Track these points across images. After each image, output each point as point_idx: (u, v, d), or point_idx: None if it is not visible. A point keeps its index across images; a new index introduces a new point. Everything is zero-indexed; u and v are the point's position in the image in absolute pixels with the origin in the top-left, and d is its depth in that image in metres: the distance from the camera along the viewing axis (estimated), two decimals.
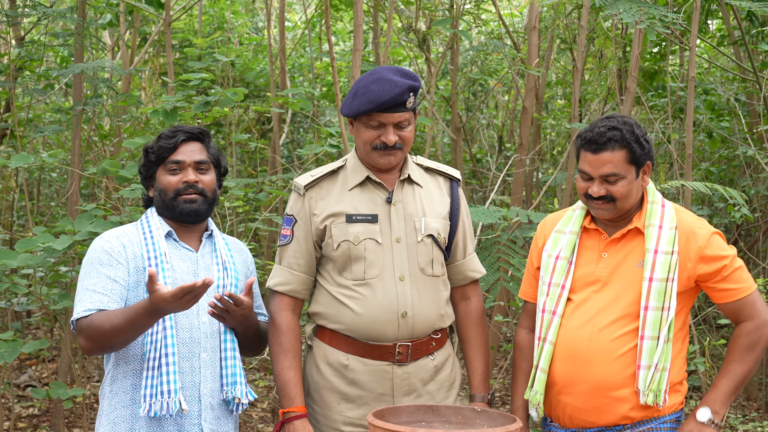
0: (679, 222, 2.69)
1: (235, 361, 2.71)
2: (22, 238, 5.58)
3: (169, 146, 2.72)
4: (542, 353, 2.70)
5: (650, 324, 2.60)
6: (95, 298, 2.59)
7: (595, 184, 2.63)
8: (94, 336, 2.54)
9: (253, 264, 2.94)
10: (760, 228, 6.33)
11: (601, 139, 2.60)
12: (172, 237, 2.74)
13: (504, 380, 6.65)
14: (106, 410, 2.66)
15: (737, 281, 2.68)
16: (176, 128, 2.77)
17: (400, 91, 2.68)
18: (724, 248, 2.69)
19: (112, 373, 2.68)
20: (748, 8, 4.68)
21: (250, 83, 7.90)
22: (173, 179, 2.72)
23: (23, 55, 5.72)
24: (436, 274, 2.84)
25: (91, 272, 2.64)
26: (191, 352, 2.65)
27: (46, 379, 6.24)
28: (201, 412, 2.65)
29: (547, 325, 2.71)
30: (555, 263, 2.75)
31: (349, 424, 2.80)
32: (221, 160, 2.83)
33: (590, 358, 2.63)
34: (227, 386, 2.68)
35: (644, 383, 2.60)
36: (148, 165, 2.77)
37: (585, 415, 2.66)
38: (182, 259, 2.71)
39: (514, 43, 6.93)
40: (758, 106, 6.07)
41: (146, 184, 2.81)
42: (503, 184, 6.96)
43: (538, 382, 2.71)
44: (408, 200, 2.84)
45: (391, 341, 2.77)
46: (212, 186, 2.77)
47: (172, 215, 2.73)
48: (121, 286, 2.62)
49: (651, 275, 2.62)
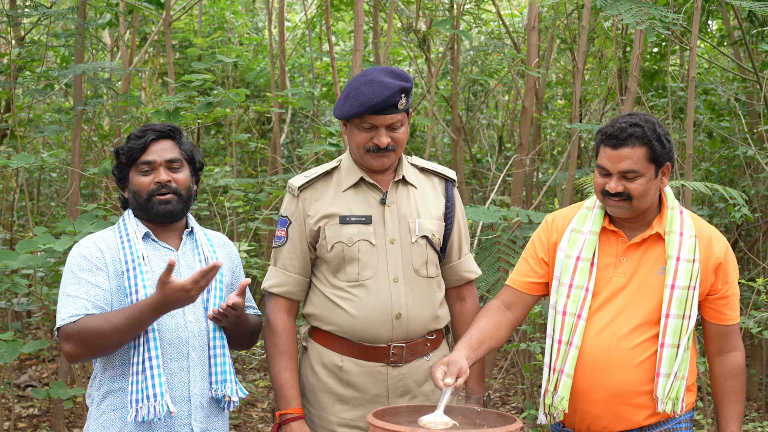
0: (698, 230, 2.67)
1: (225, 358, 2.68)
2: (23, 238, 5.58)
3: (138, 146, 2.66)
4: (567, 357, 2.63)
5: (671, 332, 2.58)
6: (79, 303, 2.55)
7: (613, 180, 2.58)
8: (88, 340, 2.50)
9: (239, 257, 2.90)
10: (760, 228, 6.33)
11: (622, 135, 2.56)
12: (151, 237, 2.69)
13: (504, 380, 6.65)
14: (94, 414, 2.64)
15: (735, 306, 2.70)
16: (146, 127, 2.70)
17: (390, 93, 2.66)
18: (735, 266, 2.70)
19: (99, 377, 2.66)
20: (749, 8, 4.68)
21: (250, 83, 7.90)
22: (145, 180, 2.66)
23: (24, 55, 5.72)
24: (430, 275, 2.83)
25: (71, 279, 2.60)
26: (179, 352, 2.62)
27: (46, 379, 6.24)
28: (191, 411, 2.63)
29: (571, 329, 2.64)
30: (576, 264, 2.68)
31: (344, 425, 2.80)
32: (195, 155, 2.77)
33: (609, 366, 2.60)
34: (217, 384, 2.66)
35: (663, 391, 2.58)
36: (120, 167, 2.71)
37: (602, 422, 2.64)
38: (162, 260, 2.67)
39: (514, 43, 6.93)
40: (758, 106, 6.07)
41: (121, 186, 2.75)
42: (503, 184, 6.96)
43: (564, 387, 2.63)
44: (402, 201, 2.83)
45: (385, 342, 2.77)
46: (186, 183, 2.71)
47: (148, 216, 2.69)
48: (104, 291, 2.59)
49: (673, 282, 2.60)
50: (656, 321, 2.61)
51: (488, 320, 2.75)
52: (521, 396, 5.96)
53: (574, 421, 2.70)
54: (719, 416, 2.75)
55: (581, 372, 2.62)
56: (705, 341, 2.77)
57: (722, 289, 2.67)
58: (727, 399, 2.73)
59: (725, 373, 2.73)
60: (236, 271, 2.85)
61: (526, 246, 2.88)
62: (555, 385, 2.66)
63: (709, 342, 2.75)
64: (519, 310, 2.82)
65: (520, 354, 6.06)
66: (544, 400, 2.71)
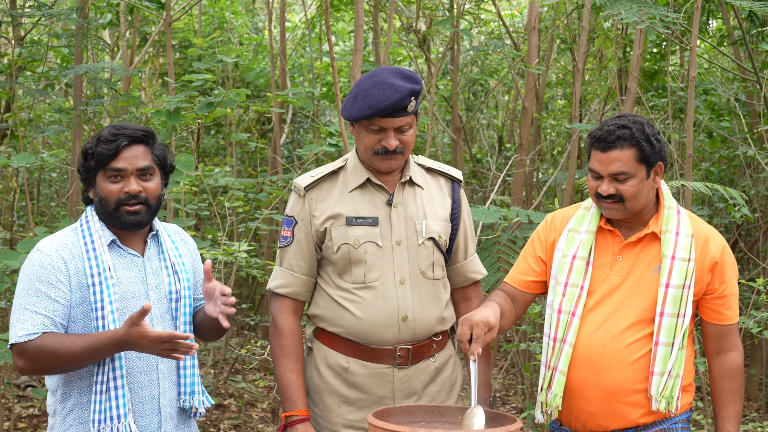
0: (695, 230, 2.68)
1: (194, 369, 2.61)
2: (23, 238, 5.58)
3: (109, 152, 2.50)
4: (561, 355, 2.64)
5: (665, 330, 2.59)
6: (37, 320, 2.43)
7: (605, 183, 2.60)
8: (43, 360, 2.40)
9: (196, 248, 2.79)
10: (760, 228, 6.33)
11: (610, 137, 2.58)
12: (116, 244, 2.57)
13: (504, 380, 6.65)
14: (58, 427, 2.54)
15: (733, 306, 2.71)
16: (118, 131, 2.54)
17: (401, 96, 2.63)
18: (733, 266, 2.70)
19: (62, 390, 2.54)
20: (749, 8, 4.68)
21: (250, 83, 7.91)
22: (114, 188, 2.52)
23: (24, 55, 5.73)
24: (436, 277, 2.82)
25: (29, 290, 2.46)
26: (149, 365, 2.54)
27: None
28: (161, 423, 2.57)
29: (565, 327, 2.66)
30: (572, 263, 2.70)
31: (350, 426, 2.79)
32: (167, 158, 2.63)
33: (604, 364, 2.61)
34: (185, 396, 2.60)
35: (657, 390, 2.59)
36: (87, 168, 2.56)
37: (598, 420, 2.64)
38: (128, 268, 2.56)
39: (514, 43, 6.93)
40: (758, 106, 6.07)
41: (86, 185, 2.60)
42: (503, 184, 6.96)
43: (557, 384, 2.65)
44: (409, 202, 2.81)
45: (391, 344, 2.76)
46: (156, 192, 2.57)
47: (114, 224, 2.56)
48: (64, 306, 2.47)
49: (668, 281, 2.61)
50: (651, 319, 2.62)
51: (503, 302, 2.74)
52: (521, 396, 5.97)
53: (570, 419, 2.71)
54: (717, 416, 2.76)
55: (576, 370, 2.64)
56: (703, 341, 2.78)
57: (719, 289, 2.68)
58: (724, 399, 2.73)
59: (723, 373, 2.74)
60: (196, 266, 2.75)
61: (526, 244, 2.90)
62: (549, 382, 2.68)
63: (708, 342, 2.76)
64: (518, 307, 2.84)
65: (520, 354, 6.06)
66: (540, 397, 2.73)
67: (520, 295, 2.83)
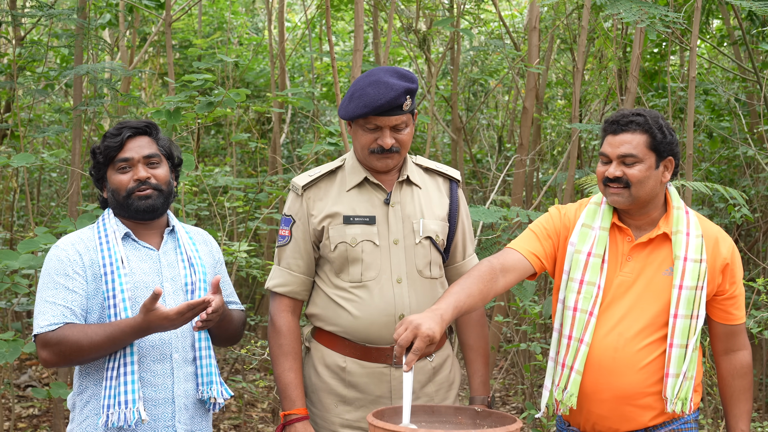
0: (704, 230, 2.67)
1: (210, 359, 2.65)
2: (23, 238, 5.58)
3: (115, 144, 2.61)
4: (578, 354, 2.62)
5: (679, 332, 2.58)
6: (57, 311, 2.52)
7: (612, 166, 2.61)
8: (66, 351, 2.48)
9: (220, 252, 2.84)
10: (760, 228, 6.33)
11: (623, 120, 2.61)
12: (131, 237, 2.64)
13: (504, 380, 6.65)
14: (77, 419, 2.60)
15: (741, 305, 2.71)
16: (121, 125, 2.66)
17: (396, 95, 2.64)
18: (741, 267, 2.71)
19: (79, 383, 2.61)
20: (749, 8, 4.68)
21: (250, 83, 7.91)
22: (124, 178, 2.62)
23: (24, 55, 5.73)
24: (434, 276, 2.83)
25: (48, 283, 2.56)
26: (162, 354, 2.59)
27: (46, 379, 6.25)
28: (175, 413, 2.59)
29: (583, 326, 2.63)
30: (587, 260, 2.66)
31: (347, 426, 2.79)
32: (173, 151, 2.72)
33: (615, 368, 2.59)
34: (203, 386, 2.63)
35: (672, 392, 2.58)
36: (97, 167, 2.67)
37: (608, 422, 2.64)
38: (143, 260, 2.62)
39: (515, 43, 6.93)
40: (758, 106, 6.07)
41: (99, 186, 2.70)
42: (503, 184, 6.96)
43: (573, 384, 2.62)
44: (406, 202, 2.82)
45: (388, 344, 2.76)
46: (166, 179, 2.65)
47: (128, 214, 2.63)
48: (81, 296, 2.55)
49: (681, 283, 2.60)
50: (663, 323, 2.61)
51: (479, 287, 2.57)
52: (521, 396, 5.97)
53: (579, 420, 2.69)
54: (728, 415, 2.75)
55: (588, 372, 2.62)
56: (711, 341, 2.77)
57: (730, 290, 2.68)
58: (735, 398, 2.73)
59: (733, 372, 2.74)
60: (218, 268, 2.80)
61: (534, 223, 2.79)
62: (566, 382, 2.64)
63: (716, 341, 2.75)
64: (513, 278, 2.67)
65: (520, 354, 6.06)
66: (551, 393, 2.70)
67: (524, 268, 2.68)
